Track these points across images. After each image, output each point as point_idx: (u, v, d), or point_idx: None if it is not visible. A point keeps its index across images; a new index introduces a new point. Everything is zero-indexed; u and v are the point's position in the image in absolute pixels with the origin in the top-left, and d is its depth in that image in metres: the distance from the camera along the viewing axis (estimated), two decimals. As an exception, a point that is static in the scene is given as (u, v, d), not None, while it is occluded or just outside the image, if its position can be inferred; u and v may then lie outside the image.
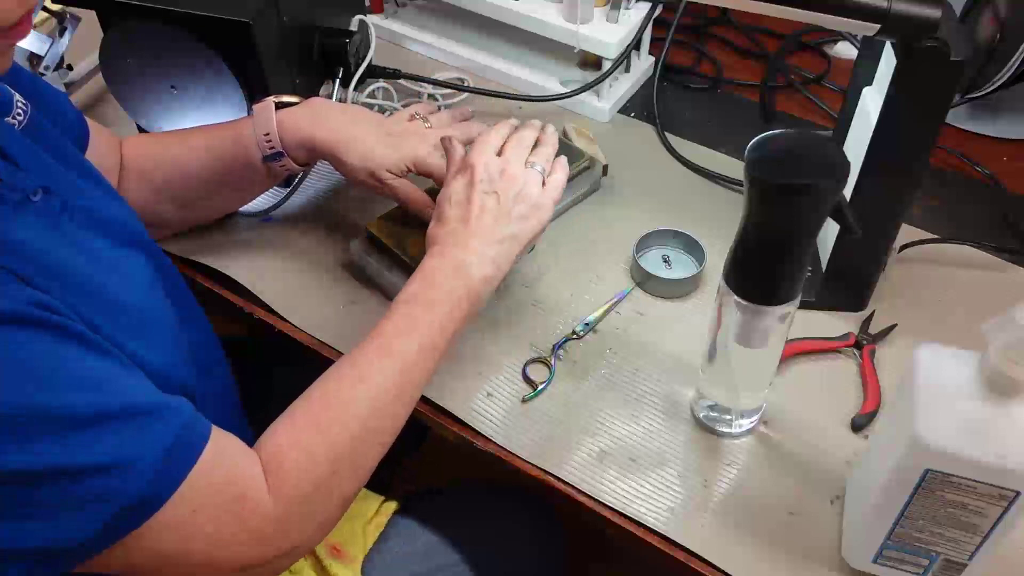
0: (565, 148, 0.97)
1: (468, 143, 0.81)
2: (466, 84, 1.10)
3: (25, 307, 0.51)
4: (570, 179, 0.94)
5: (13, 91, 0.66)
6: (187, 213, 0.88)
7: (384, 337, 0.66)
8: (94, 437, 0.52)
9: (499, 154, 0.76)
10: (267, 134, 0.80)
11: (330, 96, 0.97)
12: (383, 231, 0.86)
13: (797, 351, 0.81)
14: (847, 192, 0.76)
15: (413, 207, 0.83)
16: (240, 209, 0.94)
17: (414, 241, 0.84)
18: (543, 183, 0.76)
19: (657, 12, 1.04)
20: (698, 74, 1.15)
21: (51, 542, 0.51)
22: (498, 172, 0.74)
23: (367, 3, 1.14)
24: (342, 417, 0.63)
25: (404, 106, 1.07)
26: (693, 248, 0.90)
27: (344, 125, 0.82)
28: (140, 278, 0.66)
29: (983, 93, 1.00)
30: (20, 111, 0.65)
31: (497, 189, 0.73)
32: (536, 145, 0.79)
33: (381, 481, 0.96)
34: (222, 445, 0.58)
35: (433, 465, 1.18)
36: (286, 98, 0.83)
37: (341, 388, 0.64)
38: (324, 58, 0.97)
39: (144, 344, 0.61)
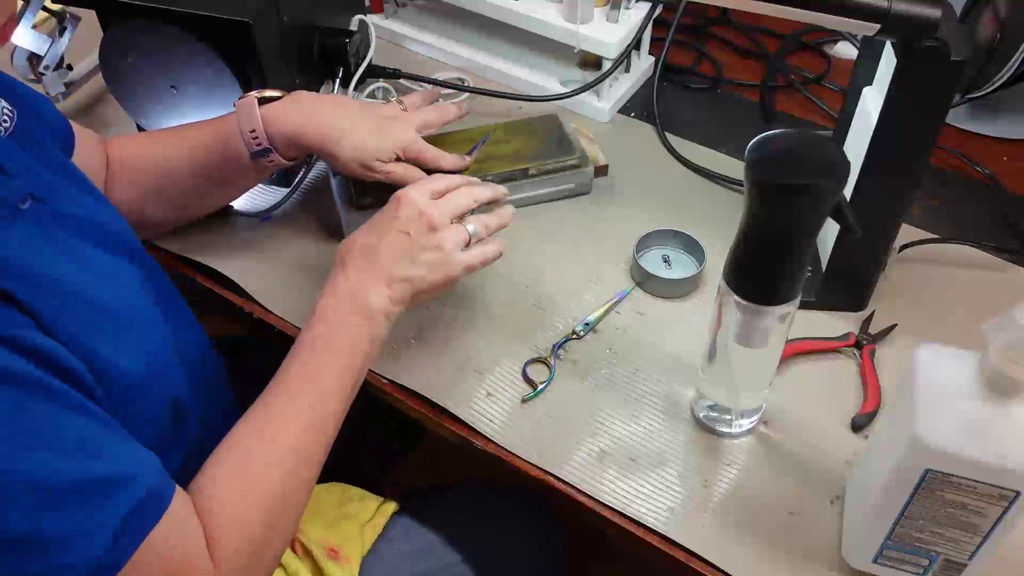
0: (562, 141, 0.97)
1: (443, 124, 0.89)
2: (466, 84, 1.10)
3: (4, 359, 0.50)
4: (554, 173, 0.94)
5: None
6: (176, 212, 0.87)
7: (288, 391, 0.66)
8: (49, 508, 0.50)
9: (439, 195, 0.76)
10: (253, 131, 0.79)
11: (330, 96, 0.97)
12: None
13: (797, 351, 0.81)
14: (847, 192, 0.76)
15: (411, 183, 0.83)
16: (240, 209, 0.94)
17: (372, 187, 0.88)
18: (467, 243, 0.75)
19: (657, 12, 1.04)
20: (698, 74, 1.15)
21: None
22: (419, 214, 0.73)
23: (367, 3, 1.14)
24: (266, 480, 0.63)
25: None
26: (693, 248, 0.90)
27: (333, 119, 0.81)
28: (129, 284, 0.66)
29: (983, 93, 1.00)
30: (6, 117, 0.65)
31: (411, 230, 0.72)
32: (491, 208, 0.80)
33: (380, 481, 0.96)
34: (177, 511, 0.57)
35: (432, 465, 1.18)
36: (268, 92, 0.82)
37: (256, 448, 0.64)
38: (324, 58, 0.97)
39: (134, 356, 0.60)
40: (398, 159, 0.84)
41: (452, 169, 0.87)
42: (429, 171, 0.85)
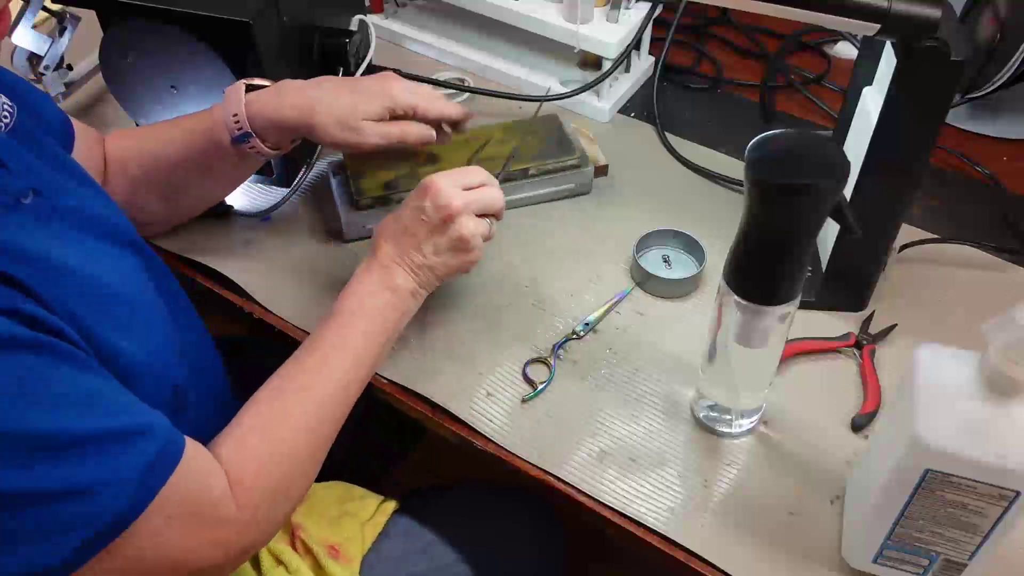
0: (562, 141, 0.97)
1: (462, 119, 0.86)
2: (466, 84, 1.10)
3: (11, 327, 0.51)
4: (554, 173, 0.94)
5: None
6: (170, 205, 0.87)
7: (322, 350, 0.71)
8: (73, 461, 0.52)
9: (469, 189, 0.77)
10: (235, 115, 0.79)
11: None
12: (354, 161, 0.95)
13: (797, 351, 0.81)
14: (847, 192, 0.76)
15: (412, 140, 0.82)
16: (240, 209, 0.94)
17: (371, 174, 0.93)
18: (486, 238, 0.78)
19: (657, 12, 1.04)
20: (698, 74, 1.15)
21: (31, 566, 0.51)
22: (446, 205, 0.74)
23: (367, 3, 1.14)
24: (291, 428, 0.67)
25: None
26: (693, 248, 0.90)
27: (307, 91, 0.80)
28: (131, 274, 0.66)
29: (983, 93, 1.00)
30: (6, 113, 0.65)
31: (433, 219, 0.75)
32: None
33: (380, 481, 0.96)
34: (192, 458, 0.59)
35: (432, 465, 1.18)
36: (258, 81, 0.82)
37: (288, 400, 0.68)
38: (324, 58, 0.97)
39: (136, 341, 0.61)
40: (393, 119, 0.81)
41: (457, 116, 0.85)
42: (433, 126, 0.83)
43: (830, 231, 0.84)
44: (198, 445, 0.61)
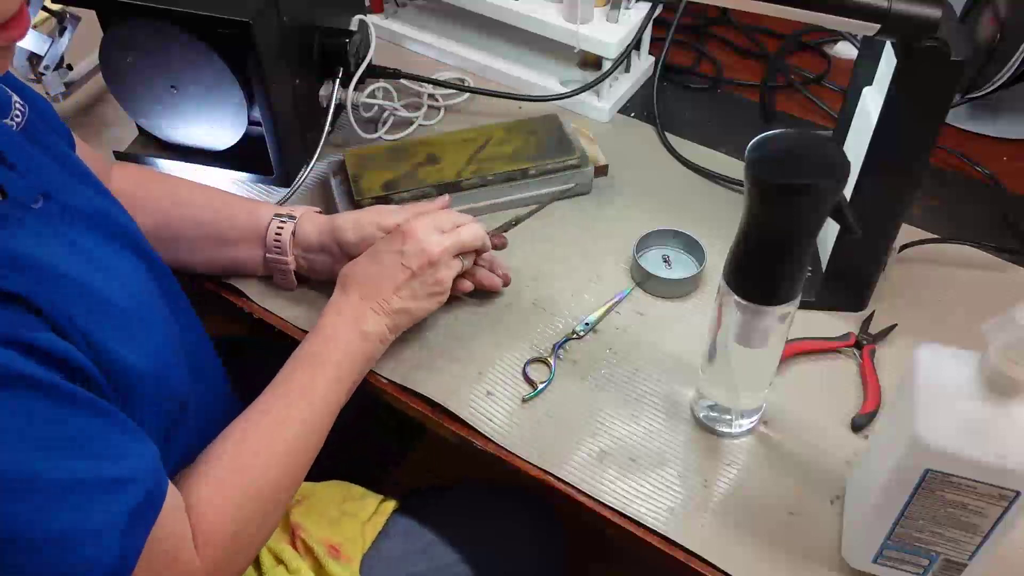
0: (562, 141, 0.97)
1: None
2: (466, 84, 1.10)
3: (8, 363, 0.50)
4: (554, 173, 0.94)
5: (11, 92, 0.65)
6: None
7: (288, 396, 0.70)
8: (59, 507, 0.51)
9: (446, 231, 0.79)
10: (279, 234, 0.82)
11: (329, 96, 0.97)
12: (354, 161, 0.94)
13: (797, 351, 0.81)
14: (847, 192, 0.76)
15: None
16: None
17: (371, 174, 0.93)
18: (460, 269, 0.80)
19: (657, 12, 1.04)
20: (698, 74, 1.15)
21: None
22: (421, 251, 0.76)
23: (367, 3, 1.14)
24: (256, 474, 0.66)
25: (405, 107, 1.07)
26: (693, 248, 0.90)
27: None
28: (135, 278, 0.66)
29: (983, 93, 1.00)
30: (18, 112, 0.65)
31: (414, 266, 0.76)
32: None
33: (380, 481, 0.96)
34: (169, 510, 0.58)
35: (432, 465, 1.18)
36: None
37: (252, 447, 0.67)
38: (324, 58, 0.97)
39: (137, 348, 0.61)
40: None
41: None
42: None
43: (830, 231, 0.84)
44: (175, 492, 0.60)
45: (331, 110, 0.97)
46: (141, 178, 0.87)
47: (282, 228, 0.82)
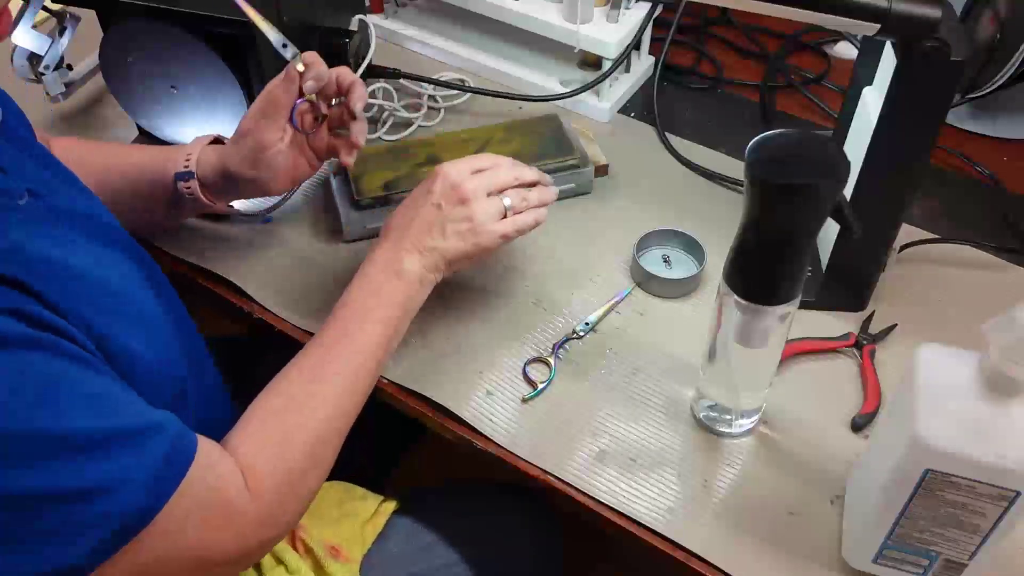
0: (562, 141, 0.97)
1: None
2: (466, 84, 1.10)
3: (20, 328, 0.51)
4: (554, 173, 0.94)
5: None
6: None
7: (331, 341, 0.71)
8: (89, 460, 0.52)
9: (480, 171, 0.78)
10: (189, 154, 0.81)
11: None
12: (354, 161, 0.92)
13: (797, 351, 0.81)
14: (847, 192, 0.76)
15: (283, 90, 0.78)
16: (240, 209, 0.94)
17: (371, 174, 0.93)
18: (503, 215, 0.77)
19: (657, 12, 1.04)
20: (698, 74, 1.15)
21: (48, 566, 0.51)
22: (451, 187, 0.76)
23: (367, 3, 1.14)
24: (305, 418, 0.67)
25: (405, 107, 1.07)
26: (693, 248, 0.90)
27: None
28: (128, 273, 0.66)
29: (983, 93, 1.00)
30: None
31: (442, 201, 0.75)
32: (532, 187, 0.80)
33: (380, 481, 0.96)
34: (207, 454, 0.59)
35: (432, 465, 1.18)
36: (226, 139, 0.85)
37: (300, 391, 0.68)
38: (324, 58, 0.96)
39: (143, 340, 0.61)
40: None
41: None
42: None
43: (830, 231, 0.84)
44: (210, 440, 0.61)
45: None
46: (79, 150, 0.86)
47: (188, 188, 0.81)
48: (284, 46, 0.74)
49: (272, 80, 0.78)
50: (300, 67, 0.77)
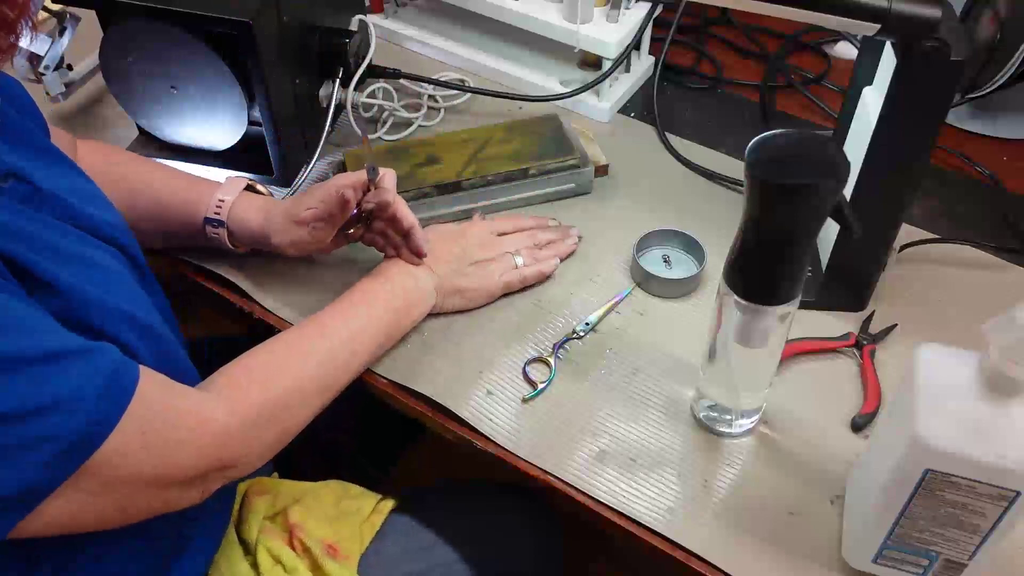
0: (562, 141, 0.97)
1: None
2: (466, 84, 1.10)
3: None
4: (554, 173, 0.94)
5: None
6: None
7: (340, 311, 0.76)
8: (31, 379, 0.52)
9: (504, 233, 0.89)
10: (222, 200, 0.83)
11: (329, 96, 0.97)
12: (354, 161, 0.96)
13: (797, 351, 0.81)
14: (847, 192, 0.76)
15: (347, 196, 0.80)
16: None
17: None
18: (513, 267, 0.86)
19: (657, 12, 1.04)
20: (698, 74, 1.15)
21: (3, 490, 0.51)
22: (479, 244, 0.86)
23: (367, 3, 1.14)
24: (298, 361, 0.70)
25: (404, 107, 1.07)
26: (693, 248, 0.90)
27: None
28: (118, 270, 0.66)
29: (983, 93, 1.00)
30: None
31: (467, 251, 0.85)
32: (546, 245, 0.90)
33: (378, 480, 0.96)
34: (153, 375, 0.60)
35: (431, 464, 1.18)
36: (259, 188, 0.88)
37: (301, 339, 0.73)
38: (324, 58, 0.97)
39: (133, 302, 0.63)
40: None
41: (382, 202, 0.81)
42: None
43: (830, 231, 0.84)
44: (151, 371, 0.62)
45: (331, 110, 0.97)
46: (107, 157, 0.87)
47: (216, 234, 0.84)
48: (373, 168, 0.79)
49: (345, 178, 0.79)
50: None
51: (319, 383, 0.71)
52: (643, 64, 1.12)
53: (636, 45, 1.06)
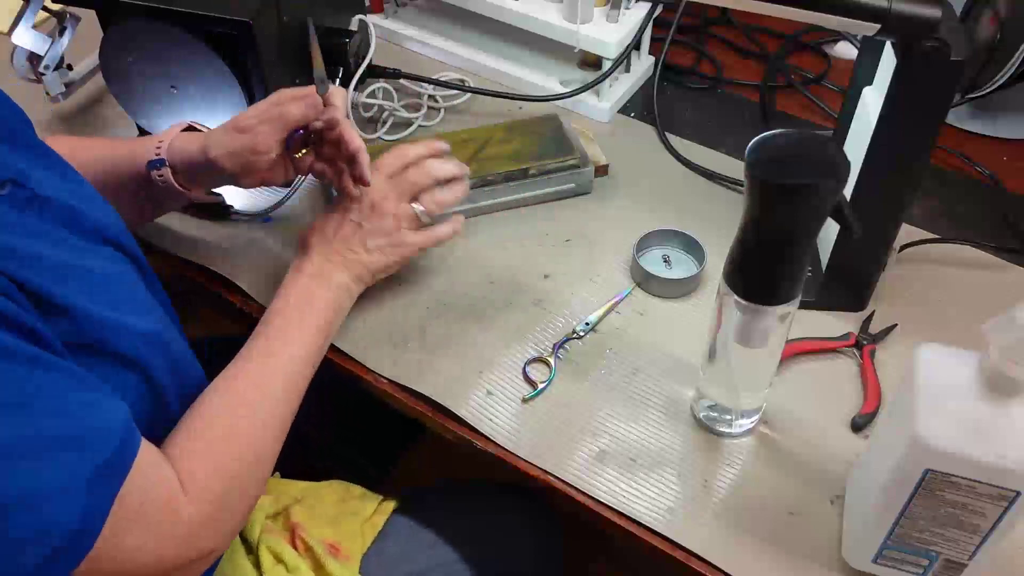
0: (562, 141, 0.97)
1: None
2: (466, 84, 1.10)
3: None
4: (554, 173, 0.94)
5: None
6: None
7: (272, 349, 0.72)
8: (19, 468, 0.50)
9: (394, 175, 0.81)
10: (160, 141, 0.80)
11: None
12: None
13: (797, 351, 0.81)
14: (847, 192, 0.76)
15: (296, 118, 0.77)
16: (240, 209, 0.94)
17: None
18: (417, 222, 0.82)
19: (657, 12, 1.04)
20: (698, 74, 1.15)
21: None
22: (370, 205, 0.80)
23: (367, 3, 1.14)
24: (243, 421, 0.67)
25: (404, 107, 1.07)
26: (693, 248, 0.90)
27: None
28: (120, 272, 0.66)
29: (983, 93, 1.00)
30: None
31: (362, 221, 0.80)
32: (450, 182, 0.84)
33: (380, 480, 0.96)
34: (145, 458, 0.58)
35: (432, 464, 1.18)
36: (199, 125, 0.84)
37: (236, 395, 0.69)
38: (324, 58, 0.96)
39: (135, 315, 0.61)
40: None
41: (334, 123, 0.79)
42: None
43: (830, 231, 0.84)
44: (151, 446, 0.60)
45: (331, 110, 0.97)
46: (68, 146, 0.85)
47: (161, 176, 0.80)
48: (322, 81, 0.76)
49: (288, 92, 0.77)
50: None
51: (272, 436, 0.69)
52: (643, 64, 1.12)
53: (636, 45, 1.06)
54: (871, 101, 0.81)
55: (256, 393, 0.69)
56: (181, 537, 0.59)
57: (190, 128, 0.83)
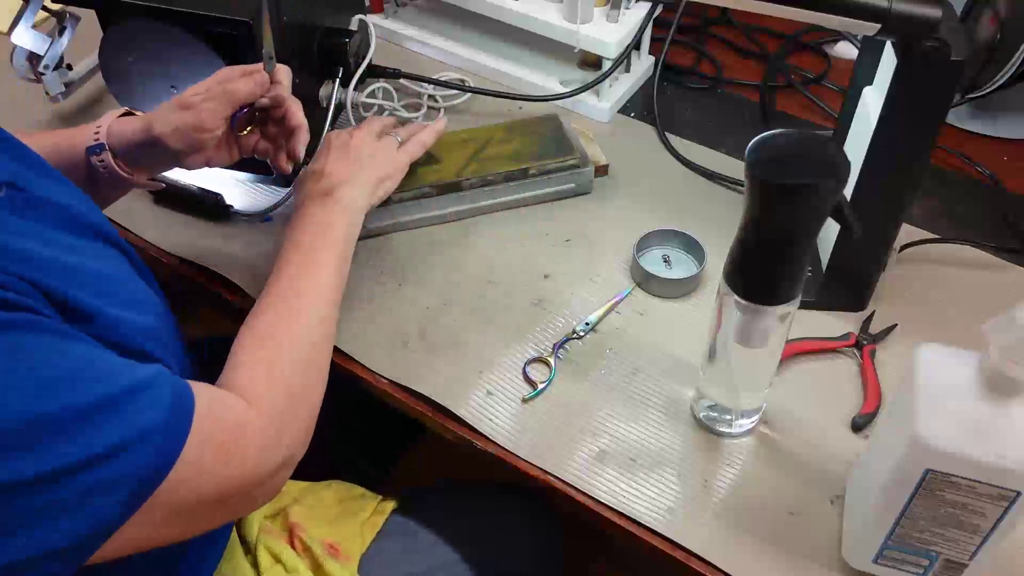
0: (562, 141, 0.97)
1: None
2: (466, 84, 1.10)
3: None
4: (554, 173, 0.94)
5: None
6: None
7: (299, 273, 0.74)
8: (99, 424, 0.52)
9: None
10: (99, 127, 0.79)
11: (329, 96, 0.97)
12: None
13: (797, 351, 0.81)
14: (847, 192, 0.76)
15: (243, 95, 0.77)
16: (240, 209, 0.94)
17: None
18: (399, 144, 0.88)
19: (657, 12, 1.04)
20: (698, 74, 1.15)
21: (80, 535, 0.51)
22: (344, 144, 0.85)
23: (367, 3, 1.14)
24: (288, 333, 0.70)
25: (405, 107, 1.07)
26: (693, 248, 0.90)
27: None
28: (117, 268, 0.66)
29: (983, 93, 1.00)
30: None
31: (348, 153, 0.84)
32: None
33: (379, 480, 0.96)
34: (205, 390, 0.60)
35: (432, 464, 1.18)
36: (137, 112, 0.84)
37: (280, 319, 0.71)
38: (324, 58, 0.97)
39: (138, 311, 0.62)
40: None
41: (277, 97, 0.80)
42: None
43: (830, 231, 0.84)
44: (202, 383, 0.61)
45: (331, 110, 0.97)
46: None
47: (102, 162, 0.79)
48: (270, 58, 0.76)
49: (233, 69, 0.78)
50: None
51: (317, 352, 0.71)
52: (643, 64, 1.12)
53: (636, 45, 1.06)
54: (871, 101, 0.81)
55: (295, 315, 0.71)
56: (258, 451, 0.61)
57: (127, 114, 0.82)
